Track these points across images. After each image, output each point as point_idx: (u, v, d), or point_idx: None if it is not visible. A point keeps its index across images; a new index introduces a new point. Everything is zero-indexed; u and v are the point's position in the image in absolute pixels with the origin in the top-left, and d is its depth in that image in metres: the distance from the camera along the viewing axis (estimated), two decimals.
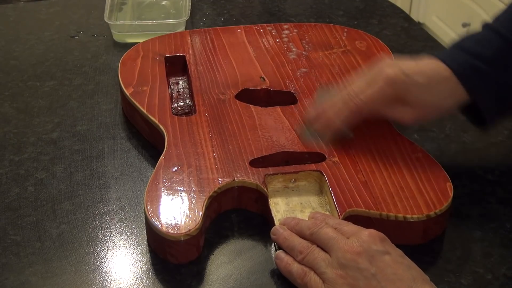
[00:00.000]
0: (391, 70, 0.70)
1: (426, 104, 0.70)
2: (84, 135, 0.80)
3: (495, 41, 0.69)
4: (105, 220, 0.69)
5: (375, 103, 0.70)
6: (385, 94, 0.70)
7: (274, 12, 1.09)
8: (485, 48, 0.69)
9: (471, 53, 0.69)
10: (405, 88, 0.69)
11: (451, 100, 0.70)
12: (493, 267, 0.64)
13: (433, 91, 0.69)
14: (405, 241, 0.64)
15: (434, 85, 0.69)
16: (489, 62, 0.69)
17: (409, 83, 0.69)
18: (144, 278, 0.63)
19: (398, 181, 0.68)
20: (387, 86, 0.69)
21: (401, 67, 0.70)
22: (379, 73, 0.70)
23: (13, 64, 0.94)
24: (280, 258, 0.62)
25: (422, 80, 0.69)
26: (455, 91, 0.69)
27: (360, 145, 0.73)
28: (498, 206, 0.71)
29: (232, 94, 0.80)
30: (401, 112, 0.71)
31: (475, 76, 0.69)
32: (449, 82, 0.69)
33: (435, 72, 0.69)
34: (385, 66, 0.70)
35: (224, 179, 0.67)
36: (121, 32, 0.99)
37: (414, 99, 0.70)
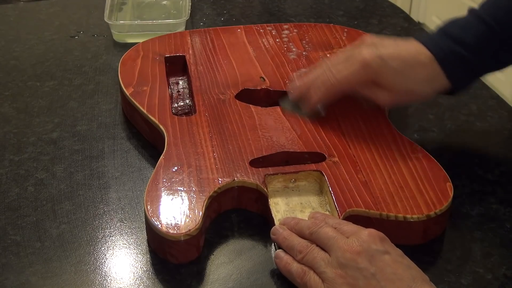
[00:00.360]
0: (367, 53, 0.71)
1: (400, 89, 0.72)
2: (84, 135, 0.80)
3: (478, 27, 0.70)
4: (105, 220, 0.69)
5: (349, 84, 0.73)
6: (359, 76, 0.72)
7: (274, 12, 1.09)
8: (468, 34, 0.70)
9: (454, 39, 0.70)
10: (379, 72, 0.71)
11: (428, 85, 0.72)
12: (493, 267, 0.64)
13: (408, 77, 0.71)
14: (405, 241, 0.64)
15: (410, 70, 0.71)
16: (471, 48, 0.70)
17: (383, 68, 0.71)
18: (144, 278, 0.63)
19: (398, 181, 0.68)
20: (362, 69, 0.72)
21: (379, 50, 0.71)
22: (357, 55, 0.72)
23: (13, 64, 0.94)
24: (280, 258, 0.62)
25: (397, 65, 0.71)
26: (434, 77, 0.71)
27: (360, 145, 0.73)
28: (498, 206, 0.71)
29: (232, 94, 0.80)
30: (376, 94, 0.74)
31: (457, 62, 0.70)
32: (428, 68, 0.71)
33: (413, 57, 0.71)
34: (364, 48, 0.72)
35: (224, 179, 0.67)
36: (121, 32, 0.99)
37: (387, 84, 0.72)
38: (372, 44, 0.72)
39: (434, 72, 0.71)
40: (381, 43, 0.72)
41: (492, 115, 0.85)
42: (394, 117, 0.81)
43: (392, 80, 0.72)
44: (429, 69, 0.71)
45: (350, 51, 0.73)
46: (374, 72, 0.71)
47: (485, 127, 0.83)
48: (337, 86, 0.73)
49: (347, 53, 0.74)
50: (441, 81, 0.71)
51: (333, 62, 0.74)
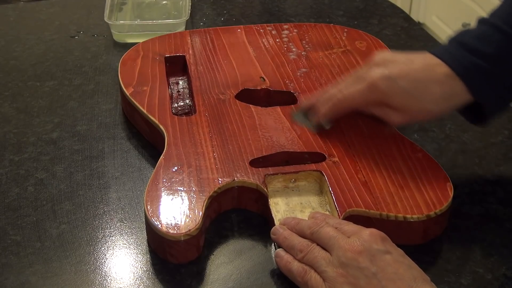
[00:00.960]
0: (377, 73, 0.69)
1: (412, 109, 0.70)
2: (84, 135, 0.80)
3: (495, 36, 0.67)
4: (105, 220, 0.69)
5: (355, 102, 0.72)
6: (365, 96, 0.71)
7: (274, 12, 1.09)
8: (485, 44, 0.67)
9: (471, 50, 0.67)
10: (388, 93, 0.69)
11: (445, 103, 0.69)
12: (493, 267, 0.64)
13: (421, 97, 0.68)
14: (405, 241, 0.64)
15: (423, 89, 0.68)
16: (490, 59, 0.67)
17: (392, 89, 0.68)
18: (144, 278, 0.63)
19: (398, 181, 0.68)
20: (368, 90, 0.70)
21: (388, 70, 0.69)
22: (366, 74, 0.70)
23: (13, 64, 0.94)
24: (280, 257, 0.62)
25: (407, 85, 0.68)
26: (452, 93, 0.68)
27: (360, 145, 0.73)
28: (498, 206, 0.71)
29: (232, 94, 0.80)
30: (387, 114, 0.72)
31: (478, 75, 0.67)
32: (445, 85, 0.67)
33: (427, 75, 0.68)
34: (374, 66, 0.70)
35: (224, 179, 0.67)
36: (121, 32, 0.99)
37: (398, 105, 0.70)
38: (382, 62, 0.70)
39: (452, 88, 0.67)
40: (392, 61, 0.70)
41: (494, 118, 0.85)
42: None
43: (403, 101, 0.69)
44: (446, 86, 0.67)
45: (362, 70, 0.72)
46: (382, 93, 0.69)
47: (485, 127, 0.83)
48: (342, 103, 0.72)
49: (359, 72, 0.72)
50: (461, 97, 0.68)
51: (345, 80, 0.73)
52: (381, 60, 0.70)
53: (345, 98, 0.72)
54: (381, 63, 0.70)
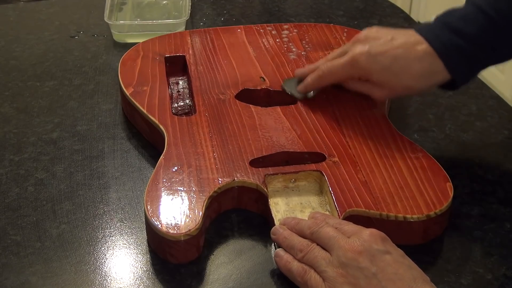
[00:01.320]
0: (358, 48, 0.72)
1: (393, 85, 0.73)
2: (84, 135, 0.80)
3: (479, 18, 0.69)
4: (105, 220, 0.69)
5: (337, 75, 0.75)
6: (347, 71, 0.74)
7: (274, 12, 1.09)
8: (469, 25, 0.69)
9: (454, 30, 0.69)
10: (368, 69, 0.72)
11: (425, 80, 0.71)
12: (493, 267, 0.64)
13: (400, 73, 0.71)
14: (405, 241, 0.64)
15: (402, 66, 0.70)
16: (471, 40, 0.69)
17: (372, 65, 0.72)
18: (144, 278, 0.63)
19: (398, 181, 0.68)
20: (349, 65, 0.73)
21: (369, 46, 0.72)
22: (349, 49, 0.74)
23: (13, 64, 0.94)
24: (280, 256, 0.62)
25: (387, 62, 0.71)
26: (432, 70, 0.70)
27: (360, 145, 0.73)
28: (498, 206, 0.71)
29: (232, 94, 0.80)
30: (369, 89, 0.75)
31: (457, 55, 0.69)
32: (425, 62, 0.70)
33: (408, 52, 0.70)
34: (357, 42, 0.73)
35: (224, 179, 0.67)
36: (121, 32, 0.99)
37: (378, 80, 0.73)
38: (365, 39, 0.73)
39: (432, 65, 0.70)
40: (374, 37, 0.73)
41: (492, 115, 0.85)
42: (394, 117, 0.81)
43: (383, 77, 0.72)
44: (426, 63, 0.70)
45: (348, 44, 0.75)
46: (362, 69, 0.72)
47: (485, 127, 0.83)
48: (326, 75, 0.76)
49: (345, 46, 0.76)
50: (440, 74, 0.70)
51: (332, 53, 0.77)
52: (364, 36, 0.74)
53: (329, 70, 0.76)
54: (363, 40, 0.73)
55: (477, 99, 0.87)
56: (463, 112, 0.85)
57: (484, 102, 0.87)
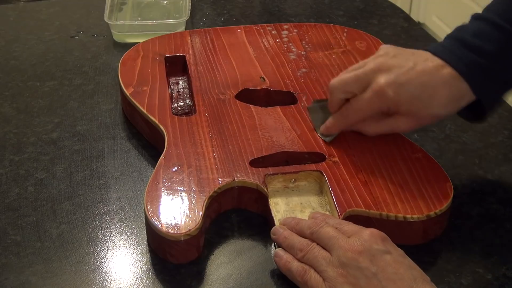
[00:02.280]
0: (382, 79, 0.67)
1: (419, 114, 0.69)
2: (84, 135, 0.80)
3: (494, 33, 0.67)
4: (105, 220, 0.69)
5: (362, 112, 0.70)
6: (373, 105, 0.69)
7: (274, 12, 1.09)
8: (485, 41, 0.66)
9: (471, 48, 0.67)
10: (395, 100, 0.67)
11: (453, 105, 0.68)
12: (493, 267, 0.64)
13: (429, 101, 0.67)
14: (405, 241, 0.64)
15: (431, 93, 0.66)
16: (491, 56, 0.66)
17: (399, 95, 0.67)
18: (144, 278, 0.63)
19: (398, 181, 0.68)
20: (376, 98, 0.68)
21: (394, 75, 0.67)
22: (372, 79, 0.68)
23: (13, 64, 0.94)
24: (279, 256, 0.62)
25: (415, 90, 0.67)
26: (459, 94, 0.67)
27: (360, 145, 0.73)
28: (498, 206, 0.71)
29: (232, 94, 0.80)
30: (393, 125, 0.70)
31: (479, 73, 0.66)
32: (451, 86, 0.66)
33: (434, 78, 0.66)
34: (380, 72, 0.68)
35: (224, 179, 0.67)
36: (121, 32, 0.99)
37: (405, 111, 0.68)
38: (388, 68, 0.68)
39: (458, 89, 0.66)
40: (398, 65, 0.67)
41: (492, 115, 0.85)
42: None
43: (412, 106, 0.67)
44: (452, 88, 0.66)
45: (366, 72, 0.69)
46: (390, 100, 0.67)
47: (485, 127, 0.83)
48: (351, 115, 0.71)
49: (363, 75, 0.69)
50: (466, 97, 0.67)
51: (349, 83, 0.70)
52: (383, 63, 0.68)
53: (354, 109, 0.70)
54: (384, 68, 0.68)
55: None
56: None
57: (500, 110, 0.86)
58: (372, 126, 0.72)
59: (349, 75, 0.70)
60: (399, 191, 0.67)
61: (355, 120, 0.72)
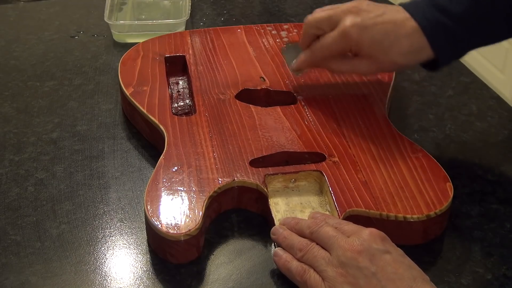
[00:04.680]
0: (351, 20, 0.71)
1: (379, 59, 0.72)
2: (84, 135, 0.80)
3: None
4: (105, 220, 0.69)
5: (328, 49, 0.75)
6: (337, 44, 0.73)
7: (274, 12, 1.09)
8: (454, 4, 0.69)
9: (440, 9, 0.70)
10: (358, 41, 0.71)
11: (411, 57, 0.71)
12: (493, 267, 0.64)
13: (390, 48, 0.71)
14: (405, 241, 0.64)
15: (392, 41, 0.70)
16: (457, 19, 0.69)
17: (364, 36, 0.71)
18: (144, 278, 0.63)
19: (398, 181, 0.68)
20: (340, 38, 0.72)
21: (361, 19, 0.71)
22: (341, 18, 0.72)
23: (13, 64, 0.94)
24: (279, 256, 0.62)
25: (378, 35, 0.71)
26: (418, 48, 0.70)
27: (360, 145, 0.73)
28: (498, 206, 0.71)
29: (232, 94, 0.80)
30: (354, 66, 0.74)
31: (442, 33, 0.70)
32: (412, 39, 0.70)
33: (398, 28, 0.70)
34: (349, 13, 0.72)
35: (224, 179, 0.67)
36: (121, 32, 0.99)
37: (366, 54, 0.72)
38: (357, 11, 0.72)
39: (419, 43, 0.70)
40: (365, 10, 0.72)
41: (492, 115, 0.85)
42: (394, 117, 0.81)
43: (373, 50, 0.72)
44: (413, 40, 0.70)
45: (336, 14, 0.73)
46: (353, 41, 0.72)
47: (485, 127, 0.83)
48: (318, 51, 0.75)
49: (333, 12, 0.74)
50: (425, 52, 0.71)
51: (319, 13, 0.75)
52: (356, 8, 0.73)
53: (320, 46, 0.75)
54: (355, 11, 0.72)
55: (477, 99, 0.88)
56: (463, 112, 0.85)
57: (484, 102, 0.87)
58: (337, 64, 0.76)
59: (323, 13, 0.75)
60: (399, 191, 0.67)
61: (321, 56, 0.76)
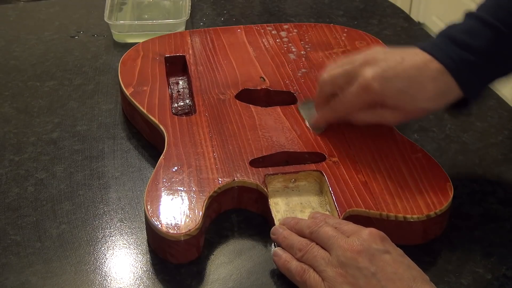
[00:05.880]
0: (369, 72, 0.68)
1: (406, 108, 0.69)
2: (84, 135, 0.80)
3: (485, 31, 0.67)
4: (105, 220, 0.69)
5: (349, 105, 0.71)
6: (360, 99, 0.70)
7: (274, 12, 1.09)
8: (475, 39, 0.67)
9: (461, 45, 0.67)
10: (382, 93, 0.68)
11: (440, 100, 0.69)
12: (493, 267, 0.64)
13: (416, 95, 0.68)
14: (405, 241, 0.64)
15: (418, 88, 0.67)
16: (481, 54, 0.67)
17: (386, 88, 0.68)
18: (144, 278, 0.63)
19: (398, 181, 0.68)
20: (362, 92, 0.69)
21: (382, 69, 0.68)
22: (358, 72, 0.69)
23: (13, 64, 0.94)
24: (278, 255, 0.62)
25: (402, 84, 0.67)
26: (446, 89, 0.68)
27: (360, 145, 0.73)
28: (498, 206, 0.71)
29: (232, 94, 0.80)
30: (381, 116, 0.71)
31: (468, 70, 0.67)
32: (438, 81, 0.67)
33: (421, 73, 0.67)
34: (366, 64, 0.69)
35: (224, 179, 0.67)
36: (121, 32, 0.99)
37: (391, 104, 0.69)
38: (373, 60, 0.69)
39: (446, 84, 0.67)
40: (383, 59, 0.69)
41: (492, 115, 0.85)
42: None
43: (397, 100, 0.68)
44: (440, 82, 0.67)
45: (353, 66, 0.70)
46: (376, 94, 0.68)
47: (485, 127, 0.83)
48: (339, 109, 0.72)
49: (349, 66, 0.71)
50: (453, 92, 0.68)
51: (336, 76, 0.72)
52: (372, 58, 0.69)
53: (341, 103, 0.71)
54: (372, 61, 0.69)
55: None
56: None
57: (484, 102, 0.87)
58: (361, 117, 0.72)
59: (339, 70, 0.72)
60: (399, 191, 0.67)
61: (343, 113, 0.73)
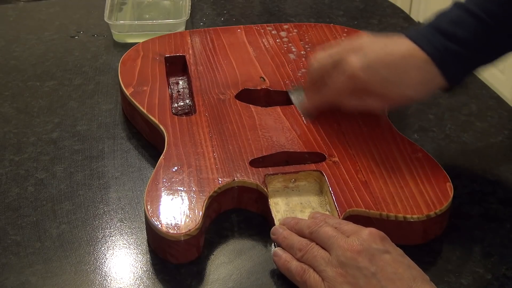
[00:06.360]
0: (356, 62, 0.70)
1: (393, 96, 0.71)
2: (84, 135, 0.80)
3: (470, 21, 0.68)
4: (105, 220, 0.69)
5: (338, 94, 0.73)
6: (347, 88, 0.71)
7: (274, 12, 1.09)
8: (460, 29, 0.68)
9: (446, 35, 0.69)
10: (368, 82, 0.70)
11: (424, 88, 0.70)
12: (493, 267, 0.64)
13: (400, 83, 0.69)
14: (405, 241, 0.64)
15: (402, 76, 0.69)
16: (465, 43, 0.68)
17: (372, 77, 0.69)
18: (144, 278, 0.63)
19: (398, 181, 0.68)
20: (349, 80, 0.71)
21: (367, 58, 0.69)
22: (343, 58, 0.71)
23: (13, 64, 0.94)
24: (278, 255, 0.62)
25: (388, 72, 0.69)
26: (430, 78, 0.69)
27: (360, 145, 0.73)
28: (498, 206, 0.71)
29: (232, 94, 0.80)
30: (368, 102, 0.72)
31: (452, 60, 0.68)
32: (423, 70, 0.69)
33: (406, 61, 0.69)
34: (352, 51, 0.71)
35: (224, 179, 0.67)
36: (121, 32, 0.99)
37: (378, 92, 0.71)
38: (360, 48, 0.70)
39: (430, 73, 0.69)
40: (370, 47, 0.70)
41: (492, 115, 0.85)
42: (394, 117, 0.81)
43: (382, 88, 0.70)
44: (424, 71, 0.69)
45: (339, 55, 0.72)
46: (362, 82, 0.70)
47: (485, 127, 0.83)
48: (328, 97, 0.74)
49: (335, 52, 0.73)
50: (437, 81, 0.69)
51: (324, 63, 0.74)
52: (358, 45, 0.71)
53: (331, 90, 0.73)
54: (358, 49, 0.71)
55: (477, 99, 0.88)
56: (463, 112, 0.85)
57: (484, 102, 0.87)
58: (348, 103, 0.74)
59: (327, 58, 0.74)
60: (399, 191, 0.67)
61: (331, 99, 0.74)
